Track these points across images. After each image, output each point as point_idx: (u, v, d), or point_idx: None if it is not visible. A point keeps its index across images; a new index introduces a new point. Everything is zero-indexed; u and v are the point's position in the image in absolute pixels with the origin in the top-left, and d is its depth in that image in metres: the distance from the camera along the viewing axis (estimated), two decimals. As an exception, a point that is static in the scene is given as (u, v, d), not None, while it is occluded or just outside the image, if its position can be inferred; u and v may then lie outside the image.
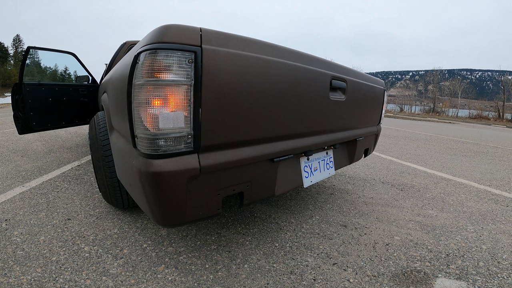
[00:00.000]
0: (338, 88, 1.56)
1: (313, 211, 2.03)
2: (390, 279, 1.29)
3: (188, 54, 0.85)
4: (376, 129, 2.33)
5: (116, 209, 1.87)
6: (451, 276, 1.34)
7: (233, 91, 0.98)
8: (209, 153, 0.97)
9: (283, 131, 1.24)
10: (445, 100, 51.38)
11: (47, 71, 3.88)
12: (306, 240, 1.60)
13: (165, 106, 0.85)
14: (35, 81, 2.96)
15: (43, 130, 3.10)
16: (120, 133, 1.29)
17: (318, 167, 1.60)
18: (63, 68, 3.91)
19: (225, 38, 0.95)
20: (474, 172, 3.66)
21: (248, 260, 1.36)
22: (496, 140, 8.41)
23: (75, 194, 2.16)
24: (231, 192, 1.09)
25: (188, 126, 0.89)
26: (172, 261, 1.32)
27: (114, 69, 1.57)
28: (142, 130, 0.88)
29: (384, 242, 1.64)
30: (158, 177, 0.87)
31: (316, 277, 1.27)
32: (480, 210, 2.25)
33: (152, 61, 0.83)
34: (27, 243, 1.43)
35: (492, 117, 31.69)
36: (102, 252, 1.37)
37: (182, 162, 0.90)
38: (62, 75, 4.20)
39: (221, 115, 0.96)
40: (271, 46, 1.13)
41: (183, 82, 0.85)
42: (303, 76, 1.28)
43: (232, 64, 0.96)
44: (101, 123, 1.73)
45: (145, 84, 0.84)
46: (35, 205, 1.91)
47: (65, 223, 1.66)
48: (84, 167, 2.98)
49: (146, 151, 0.88)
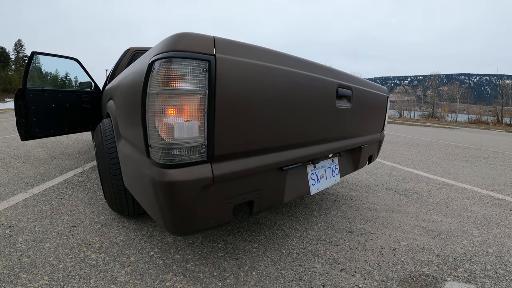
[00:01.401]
0: (344, 96, 1.57)
1: (318, 217, 2.03)
2: (399, 284, 1.29)
3: (202, 63, 0.85)
4: (380, 136, 2.34)
5: (121, 217, 1.87)
6: (460, 280, 1.34)
7: (245, 100, 0.99)
8: (221, 163, 0.97)
9: (292, 140, 1.25)
10: (444, 105, 51.60)
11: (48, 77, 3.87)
12: (312, 246, 1.60)
13: (181, 115, 0.85)
14: (39, 87, 2.97)
15: (46, 136, 3.09)
16: (129, 142, 1.29)
17: (324, 174, 1.60)
18: (66, 74, 3.92)
19: (237, 47, 0.96)
20: (476, 177, 3.66)
21: (256, 267, 1.36)
22: (496, 145, 8.43)
23: (79, 201, 2.15)
24: (241, 201, 1.09)
25: (202, 136, 0.89)
26: (180, 268, 1.31)
27: (122, 76, 1.57)
28: (156, 139, 0.87)
29: (390, 247, 1.63)
30: (172, 186, 0.87)
31: (325, 283, 1.27)
32: (484, 215, 2.25)
33: (167, 70, 0.83)
34: (32, 250, 1.42)
35: (491, 122, 31.81)
36: (109, 260, 1.36)
37: (195, 171, 0.90)
38: (63, 80, 4.20)
39: (233, 125, 0.97)
40: (281, 55, 1.14)
41: (198, 91, 0.86)
42: (311, 85, 1.30)
43: (244, 73, 0.97)
44: (108, 131, 1.73)
45: (161, 93, 0.84)
46: (38, 212, 1.90)
47: (70, 230, 1.65)
48: (87, 174, 2.97)
49: (160, 161, 0.88)
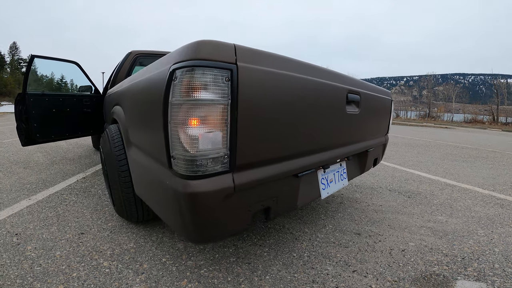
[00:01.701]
0: (353, 102, 1.60)
1: (325, 220, 2.04)
2: (412, 283, 1.31)
3: (224, 72, 0.84)
4: (384, 139, 2.36)
5: (129, 223, 1.86)
6: (470, 278, 1.36)
7: (265, 109, 0.99)
8: (242, 172, 0.97)
9: (307, 147, 1.26)
10: (440, 105, 52.02)
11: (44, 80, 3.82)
12: (322, 249, 1.60)
13: (204, 126, 0.84)
14: (39, 91, 2.94)
15: (46, 141, 3.06)
16: (143, 150, 1.28)
17: (333, 178, 1.61)
18: (66, 77, 3.88)
19: (257, 55, 0.96)
20: (476, 177, 3.70)
21: (269, 271, 1.36)
22: (494, 144, 8.51)
23: (85, 207, 2.14)
24: (260, 208, 1.09)
25: (224, 146, 0.89)
26: (193, 275, 1.31)
27: (131, 81, 1.55)
28: (180, 151, 0.86)
29: (399, 248, 1.65)
30: (195, 197, 0.87)
31: (338, 285, 1.28)
32: (488, 215, 2.27)
33: (190, 79, 0.82)
34: (43, 258, 1.41)
35: (487, 121, 32.11)
36: (122, 268, 1.35)
37: (218, 182, 0.90)
38: (59, 83, 4.17)
39: (254, 134, 0.97)
40: (297, 62, 1.15)
41: (221, 101, 0.85)
42: (325, 92, 1.31)
43: (264, 81, 0.97)
44: (115, 138, 1.72)
45: (184, 103, 0.83)
46: (44, 219, 1.89)
47: (79, 238, 1.64)
48: (89, 179, 2.96)
49: (183, 172, 0.87)
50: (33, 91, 2.86)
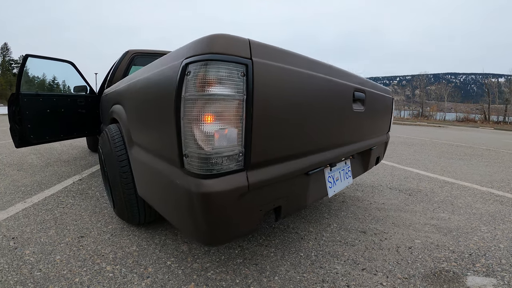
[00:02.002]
0: (358, 100, 1.58)
1: (329, 219, 2.02)
2: (423, 280, 1.30)
3: (240, 66, 0.82)
4: (386, 137, 2.36)
5: (130, 225, 1.81)
6: (480, 274, 1.36)
7: (279, 105, 0.97)
8: (256, 170, 0.94)
9: (317, 144, 1.25)
10: (432, 104, 52.66)
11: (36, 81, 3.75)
12: (329, 248, 1.58)
13: (219, 122, 0.80)
14: (33, 91, 2.87)
15: (41, 143, 2.99)
16: (147, 150, 1.24)
17: (339, 177, 1.60)
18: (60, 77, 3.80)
19: (271, 51, 0.94)
20: (474, 174, 3.73)
21: (277, 272, 1.33)
22: (487, 142, 8.63)
23: (83, 210, 2.08)
24: (271, 207, 1.06)
25: (240, 144, 0.86)
26: (201, 278, 1.28)
27: (133, 79, 1.50)
28: (194, 149, 0.82)
29: (406, 245, 1.64)
30: (208, 197, 0.83)
31: (349, 283, 1.26)
32: (489, 211, 2.28)
33: (205, 73, 0.78)
34: (42, 263, 1.36)
35: (478, 120, 32.62)
36: (126, 272, 1.31)
37: (232, 181, 0.86)
38: (51, 84, 4.08)
39: (269, 131, 0.94)
40: (308, 60, 1.13)
41: (236, 96, 0.82)
42: (334, 89, 1.30)
43: (278, 78, 0.95)
44: (116, 137, 1.67)
45: (199, 98, 0.79)
46: (42, 222, 1.83)
47: (79, 241, 1.59)
48: (86, 181, 2.89)
49: (197, 171, 0.83)
50: (26, 92, 2.79)
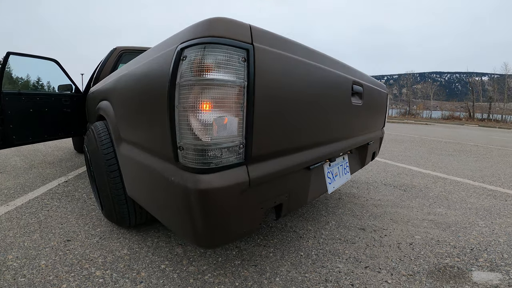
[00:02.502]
0: (356, 93, 1.54)
1: (327, 216, 1.98)
2: (428, 277, 1.27)
3: (241, 51, 0.75)
4: (381, 132, 2.34)
5: (119, 228, 1.72)
6: (484, 269, 1.34)
7: (280, 94, 0.91)
8: (257, 164, 0.87)
9: (317, 137, 1.19)
10: (419, 102, 53.77)
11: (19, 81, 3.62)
12: (330, 246, 1.54)
13: (218, 110, 0.73)
14: (15, 90, 2.74)
15: (24, 144, 2.85)
16: (136, 145, 1.16)
17: (338, 172, 1.55)
18: (44, 76, 3.65)
19: (273, 38, 0.88)
20: (464, 170, 3.77)
21: (278, 273, 1.27)
22: (474, 139, 8.83)
23: (69, 212, 1.97)
24: (272, 205, 0.99)
25: (240, 135, 0.79)
26: (198, 282, 1.20)
27: (121, 73, 1.43)
28: (190, 140, 0.75)
29: (407, 242, 1.61)
30: (207, 194, 0.75)
31: (353, 282, 1.21)
32: (484, 206, 2.29)
33: (203, 58, 0.71)
34: (27, 269, 1.26)
35: (463, 117, 33.47)
36: (117, 277, 1.22)
37: (232, 176, 0.79)
38: (35, 85, 3.94)
39: (271, 122, 0.88)
40: (310, 50, 1.08)
41: (237, 83, 0.75)
42: (334, 81, 1.25)
43: (280, 65, 0.89)
44: (102, 135, 1.58)
45: (196, 84, 0.72)
46: (25, 226, 1.72)
47: (65, 245, 1.49)
48: (72, 182, 2.76)
49: (194, 165, 0.76)
50: (8, 90, 2.65)
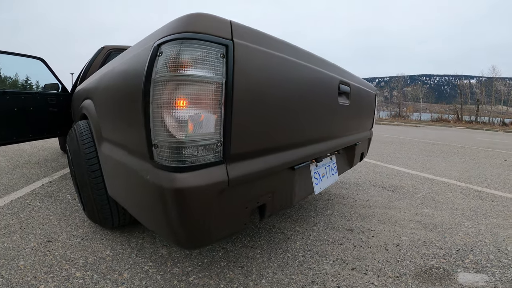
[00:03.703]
0: (344, 93, 1.54)
1: (316, 217, 1.97)
2: (414, 278, 1.26)
3: (219, 47, 0.74)
4: (369, 133, 2.35)
5: (103, 229, 1.67)
6: (470, 270, 1.34)
7: (262, 92, 0.89)
8: (236, 163, 0.85)
9: (302, 137, 1.18)
10: (409, 105, 54.64)
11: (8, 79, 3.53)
12: (317, 247, 1.53)
13: (194, 107, 0.72)
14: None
15: (8, 143, 2.77)
16: (116, 144, 1.13)
17: (325, 173, 1.54)
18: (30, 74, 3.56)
19: (254, 34, 0.86)
20: (452, 171, 3.83)
21: (264, 275, 1.25)
22: (461, 140, 9.00)
23: (51, 213, 1.92)
24: (255, 205, 0.98)
25: (218, 132, 0.77)
26: (181, 283, 1.17)
27: (103, 72, 1.40)
28: (164, 137, 0.73)
29: (393, 243, 1.61)
30: (183, 194, 0.73)
31: (340, 284, 1.20)
32: (470, 206, 2.32)
33: (178, 53, 0.70)
34: (5, 269, 1.22)
35: (452, 120, 34.16)
36: (98, 278, 1.18)
37: (209, 174, 0.77)
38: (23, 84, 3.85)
39: (250, 119, 0.86)
40: (294, 47, 1.07)
41: (214, 79, 0.73)
42: (319, 80, 1.24)
43: (261, 62, 0.87)
44: (84, 134, 1.53)
45: (171, 80, 0.71)
46: (5, 227, 1.66)
47: (45, 246, 1.44)
48: (56, 183, 2.69)
49: (168, 163, 0.74)
50: None
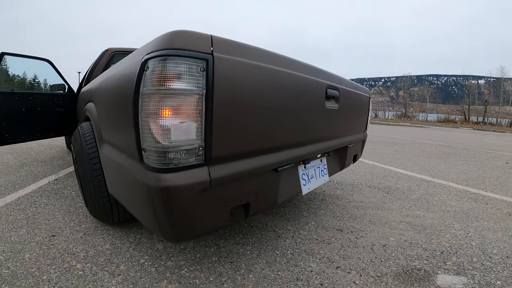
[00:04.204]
0: (332, 97, 1.60)
1: (308, 217, 2.04)
2: (394, 278, 1.32)
3: (200, 62, 0.82)
4: (363, 135, 2.40)
5: (104, 224, 1.77)
6: (450, 272, 1.39)
7: (243, 100, 0.97)
8: (218, 165, 0.94)
9: (285, 140, 1.25)
10: (415, 105, 54.08)
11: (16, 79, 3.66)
12: (306, 246, 1.60)
13: (177, 116, 0.81)
14: (8, 89, 2.78)
15: (16, 142, 2.89)
16: (114, 146, 1.23)
17: (314, 174, 1.61)
18: (37, 75, 3.70)
19: (235, 47, 0.95)
20: (450, 173, 3.85)
21: (252, 270, 1.33)
22: (465, 142, 8.94)
23: (56, 209, 2.02)
24: (238, 203, 1.06)
25: (199, 138, 0.86)
26: (174, 275, 1.26)
27: (104, 77, 1.49)
28: (151, 142, 0.83)
29: (380, 243, 1.67)
30: (168, 192, 0.83)
31: (323, 282, 1.27)
32: (463, 209, 2.36)
33: (162, 69, 0.79)
34: (11, 261, 1.32)
35: (459, 120, 33.75)
36: (97, 270, 1.28)
37: (192, 175, 0.86)
38: (31, 83, 3.98)
39: (231, 126, 0.95)
40: (277, 56, 1.14)
41: (195, 91, 0.82)
42: (304, 86, 1.31)
43: (242, 73, 0.95)
44: (87, 135, 1.64)
45: (156, 93, 0.81)
46: (13, 222, 1.77)
47: (49, 240, 1.54)
48: (62, 180, 2.81)
49: (155, 165, 0.84)
50: (1, 90, 2.70)
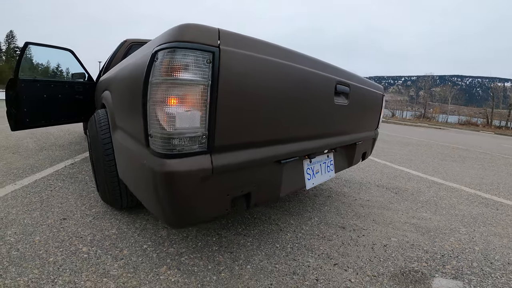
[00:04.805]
0: (342, 93, 1.59)
1: (312, 212, 2.05)
2: (390, 279, 1.32)
3: (206, 54, 0.86)
4: (374, 133, 2.37)
5: (113, 209, 1.84)
6: (447, 276, 1.38)
7: (248, 92, 1.00)
8: (221, 154, 0.97)
9: (290, 134, 1.26)
10: (436, 106, 52.39)
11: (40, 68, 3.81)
12: (306, 241, 1.61)
13: (182, 105, 0.85)
14: (31, 77, 2.90)
15: (36, 127, 3.03)
16: (126, 132, 1.28)
17: (319, 169, 1.62)
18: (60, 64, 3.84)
19: (242, 40, 0.97)
20: (464, 177, 3.74)
21: (250, 261, 1.36)
22: (484, 146, 8.63)
23: (70, 193, 2.12)
24: (239, 193, 1.09)
25: (203, 126, 0.90)
26: (174, 262, 1.31)
27: (120, 66, 1.55)
28: (157, 129, 0.88)
29: (382, 243, 1.66)
30: (171, 177, 0.87)
31: (318, 277, 1.28)
32: (472, 213, 2.30)
33: (170, 60, 0.84)
34: (21, 243, 1.39)
35: (480, 124, 32.49)
36: (101, 253, 1.34)
37: (195, 162, 0.90)
38: (54, 72, 4.15)
39: (235, 116, 0.97)
40: (284, 50, 1.15)
41: (201, 82, 0.86)
42: (311, 81, 1.31)
43: (248, 66, 0.98)
44: (102, 121, 1.71)
45: (163, 82, 0.85)
46: (28, 204, 1.86)
47: (60, 223, 1.62)
48: (78, 165, 2.93)
49: (160, 151, 0.88)
50: (25, 77, 2.83)
